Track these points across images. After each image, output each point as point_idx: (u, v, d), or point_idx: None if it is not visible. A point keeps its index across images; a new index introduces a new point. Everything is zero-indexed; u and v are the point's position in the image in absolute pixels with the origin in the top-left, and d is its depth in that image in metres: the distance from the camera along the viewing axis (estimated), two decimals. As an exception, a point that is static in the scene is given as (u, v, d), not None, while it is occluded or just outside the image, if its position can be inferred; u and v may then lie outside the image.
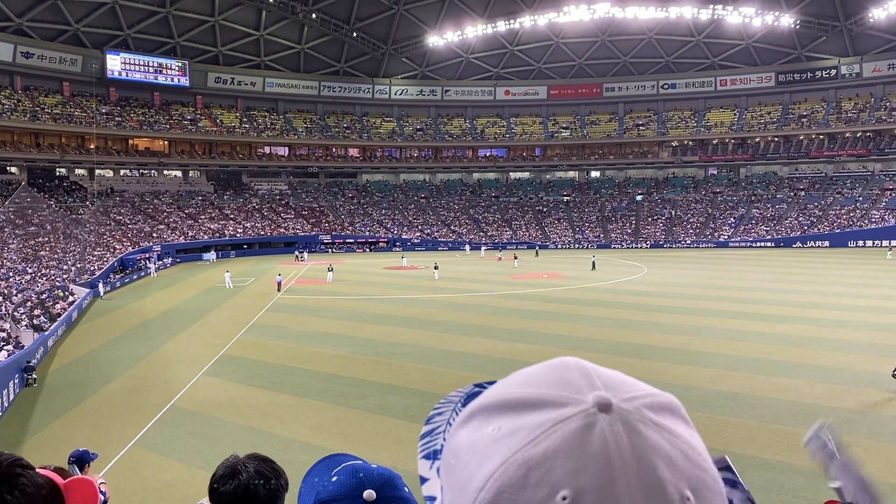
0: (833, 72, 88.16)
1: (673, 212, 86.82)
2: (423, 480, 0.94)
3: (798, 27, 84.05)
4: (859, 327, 28.80)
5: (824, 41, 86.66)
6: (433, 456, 0.92)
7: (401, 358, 25.03)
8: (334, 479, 1.29)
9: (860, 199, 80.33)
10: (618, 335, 28.26)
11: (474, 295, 41.25)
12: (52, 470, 2.41)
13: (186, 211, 76.87)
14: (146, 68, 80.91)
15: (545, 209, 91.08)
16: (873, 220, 75.85)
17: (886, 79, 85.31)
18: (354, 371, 23.28)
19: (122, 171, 79.78)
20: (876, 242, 71.08)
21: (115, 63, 78.11)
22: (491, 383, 0.89)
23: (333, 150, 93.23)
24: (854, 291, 39.57)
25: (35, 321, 31.96)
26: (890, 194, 79.14)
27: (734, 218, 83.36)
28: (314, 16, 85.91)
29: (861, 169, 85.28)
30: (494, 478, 0.67)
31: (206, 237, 72.31)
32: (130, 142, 79.81)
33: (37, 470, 2.24)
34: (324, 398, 20.25)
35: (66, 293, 40.25)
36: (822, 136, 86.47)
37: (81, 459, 5.77)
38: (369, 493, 1.22)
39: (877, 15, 77.61)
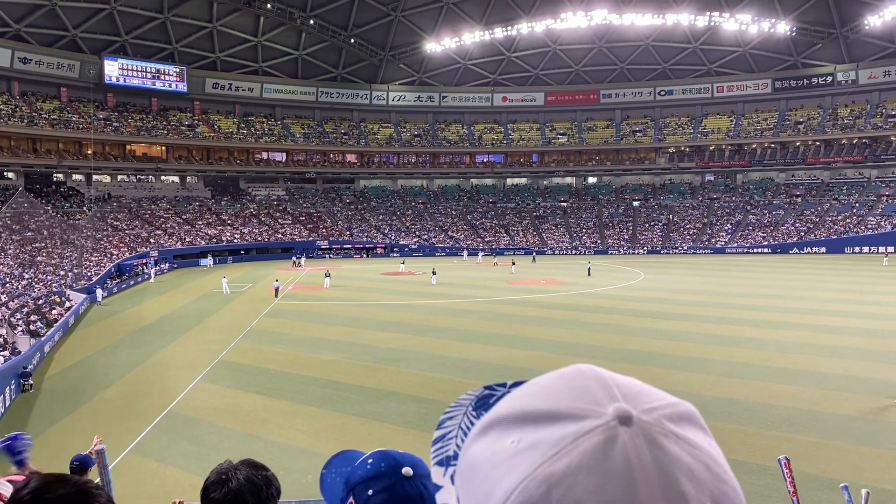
0: (829, 79, 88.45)
1: (670, 217, 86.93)
2: (437, 488, 0.92)
3: (794, 34, 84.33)
4: (856, 333, 28.84)
5: (820, 48, 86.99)
6: (446, 462, 0.90)
7: (398, 364, 25.02)
8: (370, 461, 1.39)
9: (857, 205, 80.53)
10: (615, 341, 28.29)
11: (472, 301, 41.25)
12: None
13: (184, 216, 76.83)
14: (144, 74, 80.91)
15: (542, 215, 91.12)
16: (870, 226, 76.02)
17: (882, 86, 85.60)
18: (352, 377, 23.27)
19: (119, 177, 79.74)
20: (873, 249, 71.21)
21: (112, 69, 78.12)
22: (501, 385, 0.88)
23: (331, 155, 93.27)
24: (851, 298, 39.62)
25: (32, 326, 31.91)
26: (886, 200, 79.32)
27: (731, 224, 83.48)
28: (312, 22, 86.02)
29: (857, 175, 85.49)
30: (516, 494, 0.66)
31: (203, 243, 72.25)
32: (128, 147, 79.73)
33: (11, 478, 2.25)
34: (321, 404, 20.24)
35: (63, 298, 40.21)
36: (818, 143, 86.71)
37: (84, 464, 5.76)
38: (407, 470, 1.35)
39: (872, 22, 77.92)
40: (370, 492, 1.34)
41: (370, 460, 1.40)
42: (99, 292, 44.02)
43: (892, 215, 75.99)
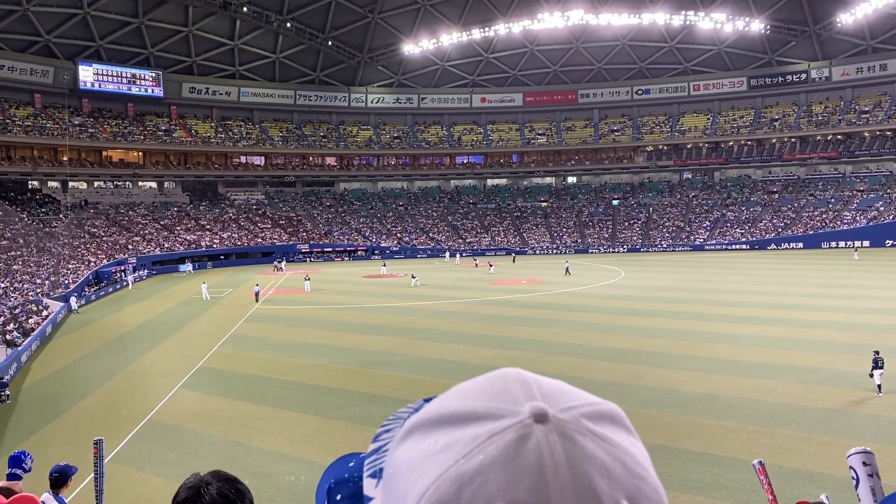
0: (803, 76, 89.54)
1: (649, 215, 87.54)
2: (368, 500, 0.91)
3: (768, 32, 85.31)
4: (832, 327, 29.20)
5: (794, 46, 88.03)
6: (379, 475, 0.88)
7: (381, 367, 24.95)
8: (351, 464, 1.30)
9: (832, 200, 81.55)
10: (596, 339, 28.40)
11: (453, 302, 41.25)
12: None
13: (162, 222, 76.12)
14: (119, 79, 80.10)
15: (523, 215, 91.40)
16: (845, 221, 77.03)
17: (855, 82, 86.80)
18: (334, 381, 23.17)
19: (95, 183, 78.86)
20: (849, 243, 72.16)
21: (87, 74, 77.26)
22: None
23: (310, 158, 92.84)
24: (827, 292, 40.12)
25: (8, 336, 31.44)
26: (861, 195, 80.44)
27: (709, 221, 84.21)
28: (289, 25, 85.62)
29: (832, 171, 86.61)
30: (428, 494, 0.66)
31: (182, 248, 71.62)
32: (104, 153, 78.88)
33: None
34: (303, 409, 20.12)
35: (40, 307, 39.68)
36: (793, 140, 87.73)
37: (63, 475, 5.65)
38: None
39: (844, 20, 79.00)
40: (338, 496, 1.25)
41: (352, 463, 1.29)
42: (73, 301, 43.14)
43: (867, 210, 77.07)
